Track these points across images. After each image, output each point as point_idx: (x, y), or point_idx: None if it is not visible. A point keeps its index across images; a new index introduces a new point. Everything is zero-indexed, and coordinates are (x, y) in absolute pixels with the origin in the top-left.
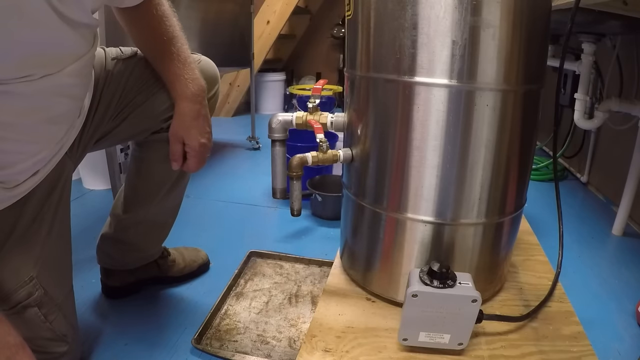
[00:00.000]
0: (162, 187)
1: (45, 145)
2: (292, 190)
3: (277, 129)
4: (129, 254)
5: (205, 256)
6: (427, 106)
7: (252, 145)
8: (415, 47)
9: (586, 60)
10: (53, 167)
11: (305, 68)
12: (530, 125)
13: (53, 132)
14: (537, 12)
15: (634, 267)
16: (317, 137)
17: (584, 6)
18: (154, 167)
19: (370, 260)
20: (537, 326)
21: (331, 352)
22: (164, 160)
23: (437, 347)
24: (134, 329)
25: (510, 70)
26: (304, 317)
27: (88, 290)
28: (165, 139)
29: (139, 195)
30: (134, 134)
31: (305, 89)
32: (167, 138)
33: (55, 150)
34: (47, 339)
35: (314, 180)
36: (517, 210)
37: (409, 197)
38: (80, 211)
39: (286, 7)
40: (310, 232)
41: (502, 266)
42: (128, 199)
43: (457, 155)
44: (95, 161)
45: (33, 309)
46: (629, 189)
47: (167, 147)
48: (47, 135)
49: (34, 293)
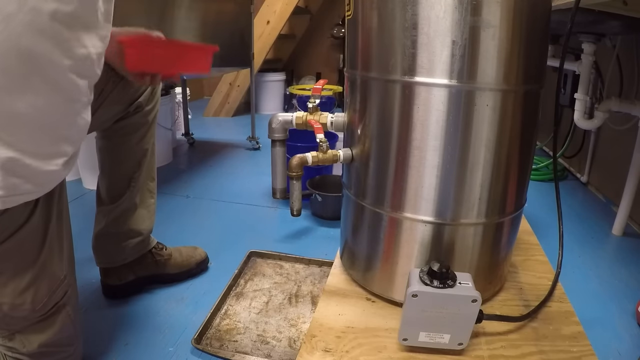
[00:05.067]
0: (139, 165)
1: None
2: (292, 190)
3: (277, 129)
4: (125, 243)
5: (204, 253)
6: (427, 106)
7: (252, 145)
8: (415, 47)
9: (586, 60)
10: None
11: (305, 68)
12: (530, 125)
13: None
14: (537, 12)
15: (634, 267)
16: (317, 137)
17: (584, 6)
18: (127, 152)
19: (370, 260)
20: (537, 326)
21: (331, 352)
22: (136, 141)
23: (437, 347)
24: (134, 329)
25: (510, 70)
26: (304, 317)
27: (88, 290)
28: (133, 121)
29: (119, 181)
30: (104, 121)
31: (305, 89)
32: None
33: None
34: (67, 337)
35: (314, 180)
36: (517, 210)
37: (409, 197)
38: (80, 211)
39: (286, 7)
40: (310, 232)
41: (502, 266)
42: (110, 190)
43: (457, 155)
44: (95, 161)
45: (66, 309)
46: (629, 189)
47: (136, 129)
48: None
49: (67, 291)
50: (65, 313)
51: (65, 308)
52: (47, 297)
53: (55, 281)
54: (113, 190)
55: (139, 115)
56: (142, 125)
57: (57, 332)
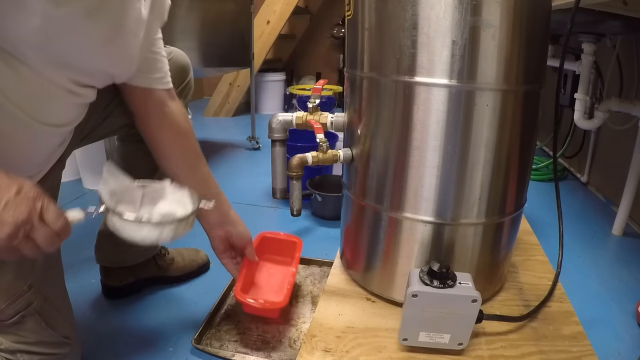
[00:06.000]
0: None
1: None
2: (292, 190)
3: (277, 129)
4: (126, 248)
5: (205, 256)
6: (427, 106)
7: (252, 145)
8: (415, 47)
9: (586, 60)
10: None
11: (305, 68)
12: (530, 125)
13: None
14: (537, 13)
15: (634, 267)
16: (317, 137)
17: (584, 6)
18: (140, 159)
19: (371, 260)
20: (537, 326)
21: (331, 352)
22: (147, 149)
23: (437, 347)
24: (134, 329)
25: (510, 70)
26: (304, 317)
27: (88, 290)
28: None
29: None
30: (115, 130)
31: (305, 89)
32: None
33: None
34: (50, 343)
35: (314, 180)
36: (517, 210)
37: (409, 197)
38: None
39: (286, 7)
40: (310, 232)
41: (502, 266)
42: None
43: (457, 155)
44: (95, 161)
45: (34, 317)
46: (629, 189)
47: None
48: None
49: (33, 301)
50: (34, 321)
51: (34, 317)
52: (4, 305)
53: (14, 292)
54: None
55: None
56: None
57: (31, 339)
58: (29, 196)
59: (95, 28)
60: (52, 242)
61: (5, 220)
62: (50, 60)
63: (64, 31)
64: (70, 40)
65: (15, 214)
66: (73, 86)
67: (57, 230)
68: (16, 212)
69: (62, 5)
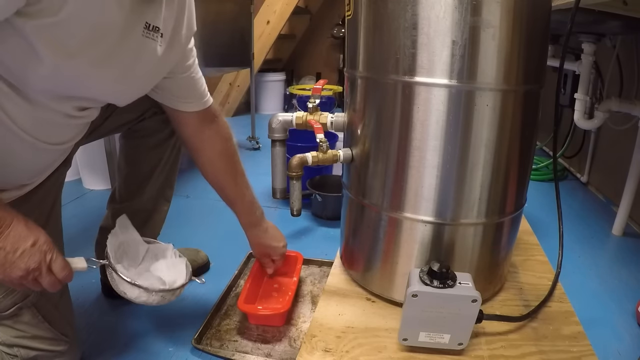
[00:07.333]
0: (152, 172)
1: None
2: (292, 190)
3: (277, 129)
4: None
5: (205, 257)
6: (427, 106)
7: (252, 145)
8: (415, 47)
9: (586, 60)
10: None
11: (305, 68)
12: (530, 125)
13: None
14: (537, 13)
15: (634, 267)
16: (317, 137)
17: (584, 6)
18: (140, 155)
19: (371, 260)
20: (537, 326)
21: (331, 352)
22: (150, 146)
23: (437, 347)
24: (134, 328)
25: (510, 70)
26: (304, 317)
27: (88, 290)
28: (148, 125)
29: (132, 183)
30: (117, 127)
31: (305, 89)
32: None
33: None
34: (47, 339)
35: (314, 180)
36: (517, 210)
37: (409, 197)
38: (80, 211)
39: (286, 7)
40: (310, 232)
41: (502, 266)
42: (122, 189)
43: (457, 155)
44: (95, 161)
45: (30, 310)
46: (629, 189)
47: (150, 133)
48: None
49: (29, 294)
50: (30, 315)
51: (30, 310)
52: (1, 297)
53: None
54: (123, 190)
55: (155, 120)
56: (158, 131)
57: (26, 332)
58: (42, 249)
59: (106, 74)
60: (55, 286)
61: (19, 266)
62: (58, 96)
63: (74, 77)
64: (80, 84)
65: (28, 262)
66: (77, 112)
67: (61, 278)
68: (29, 261)
69: (73, 57)
